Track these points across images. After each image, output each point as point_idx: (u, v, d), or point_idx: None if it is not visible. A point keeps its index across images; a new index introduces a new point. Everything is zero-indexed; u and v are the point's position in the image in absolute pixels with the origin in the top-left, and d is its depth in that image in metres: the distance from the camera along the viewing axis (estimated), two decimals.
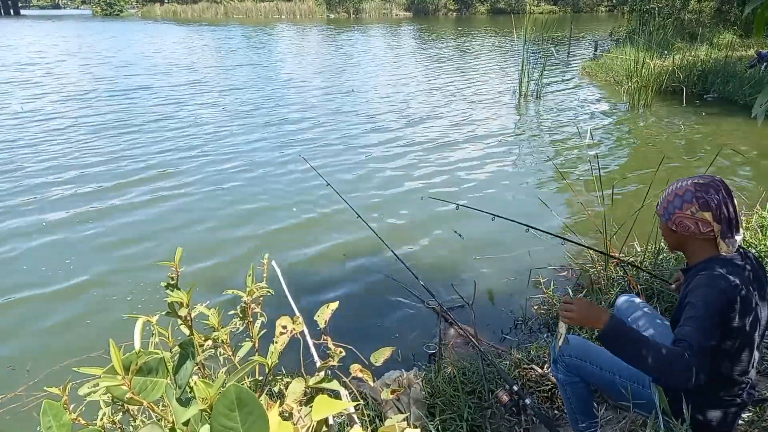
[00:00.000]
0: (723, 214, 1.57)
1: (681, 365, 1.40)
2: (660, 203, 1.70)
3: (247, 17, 46.05)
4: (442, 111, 9.89)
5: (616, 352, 1.51)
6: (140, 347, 0.86)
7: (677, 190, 1.64)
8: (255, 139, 8.02)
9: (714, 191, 1.58)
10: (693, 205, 1.59)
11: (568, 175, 6.15)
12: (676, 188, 1.65)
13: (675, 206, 1.62)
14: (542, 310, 3.45)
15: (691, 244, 1.65)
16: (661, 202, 1.70)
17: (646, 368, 1.46)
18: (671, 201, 1.64)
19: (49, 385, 1.21)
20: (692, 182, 1.61)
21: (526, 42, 10.63)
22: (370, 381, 1.13)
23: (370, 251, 4.31)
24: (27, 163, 6.77)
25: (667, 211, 1.65)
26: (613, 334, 1.50)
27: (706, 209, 1.57)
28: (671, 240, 1.72)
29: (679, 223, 1.62)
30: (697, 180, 1.61)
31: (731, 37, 15.23)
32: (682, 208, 1.61)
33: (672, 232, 1.67)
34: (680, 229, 1.63)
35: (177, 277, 1.06)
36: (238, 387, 0.64)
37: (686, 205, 1.60)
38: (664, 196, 1.69)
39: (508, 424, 2.27)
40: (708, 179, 1.61)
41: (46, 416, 0.75)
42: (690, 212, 1.59)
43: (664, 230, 1.72)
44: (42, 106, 10.17)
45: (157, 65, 16.01)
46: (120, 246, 4.62)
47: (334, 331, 1.16)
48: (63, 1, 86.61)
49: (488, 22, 39.23)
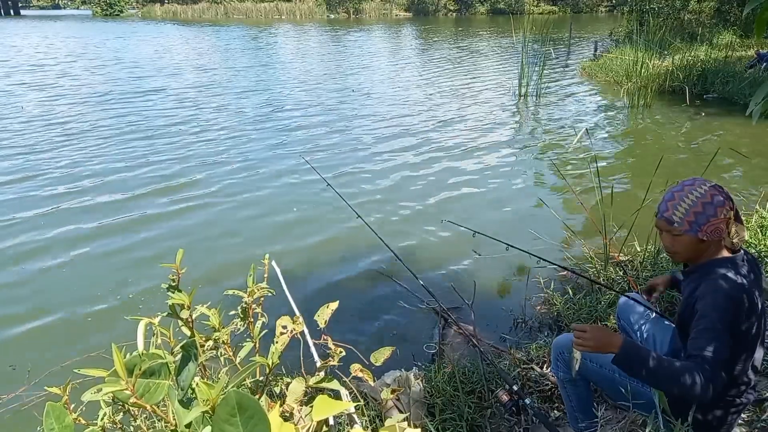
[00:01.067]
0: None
1: (697, 382, 1.39)
2: (680, 218, 1.55)
3: (247, 17, 46.06)
4: (442, 110, 9.89)
5: (632, 373, 1.51)
6: (142, 348, 0.87)
7: (701, 199, 1.52)
8: (255, 138, 8.02)
9: (720, 186, 1.57)
10: (725, 206, 1.52)
11: (567, 175, 6.15)
12: (696, 197, 1.53)
13: (708, 215, 1.51)
14: (542, 310, 3.46)
15: (709, 249, 1.57)
16: (682, 216, 1.55)
17: (663, 387, 1.47)
18: (700, 211, 1.52)
19: (49, 385, 1.21)
20: (708, 186, 1.54)
21: (526, 42, 10.63)
22: (370, 381, 1.14)
23: (370, 251, 4.31)
24: (45, 168, 6.78)
25: (697, 223, 1.53)
26: (627, 358, 1.49)
27: (731, 205, 1.54)
28: (693, 251, 1.59)
29: (713, 231, 1.53)
30: (702, 182, 1.57)
31: (731, 37, 15.25)
32: (716, 214, 1.51)
33: (700, 243, 1.55)
34: (713, 236, 1.53)
35: (178, 278, 1.07)
36: (239, 393, 0.64)
37: (720, 210, 1.52)
38: (683, 209, 1.55)
39: (508, 424, 2.28)
40: (699, 179, 1.60)
41: (49, 418, 0.76)
42: (723, 215, 1.52)
43: (688, 243, 1.57)
44: (58, 109, 9.95)
45: (166, 66, 15.89)
46: (120, 246, 4.62)
47: (334, 331, 1.16)
48: (63, 2, 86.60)
49: (488, 23, 39.24)
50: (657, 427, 1.65)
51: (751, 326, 1.53)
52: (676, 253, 1.63)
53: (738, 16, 16.22)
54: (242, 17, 46.13)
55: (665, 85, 10.64)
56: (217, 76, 14.13)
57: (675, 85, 10.66)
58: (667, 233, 1.61)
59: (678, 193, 1.58)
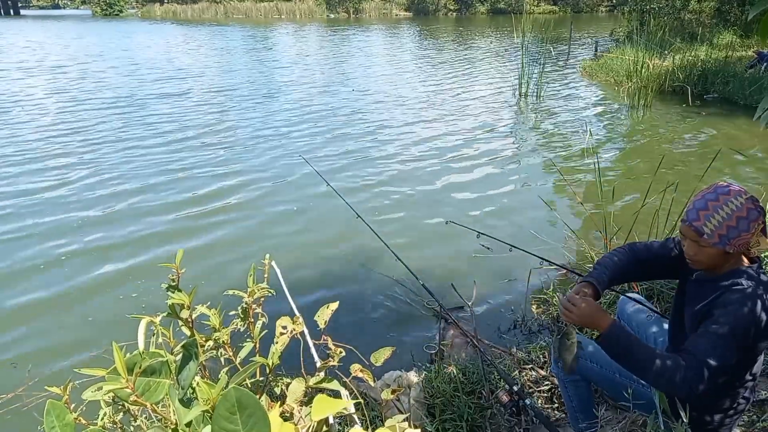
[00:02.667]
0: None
1: (678, 377, 1.39)
2: (711, 231, 1.47)
3: (246, 17, 46.06)
4: (442, 110, 9.89)
5: (615, 357, 1.51)
6: (143, 347, 0.87)
7: (737, 213, 1.45)
8: (254, 138, 8.02)
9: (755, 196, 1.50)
10: (759, 221, 1.46)
11: (568, 175, 6.15)
12: (731, 210, 1.46)
13: (741, 230, 1.45)
14: (542, 310, 3.46)
15: (730, 259, 1.52)
16: (713, 229, 1.47)
17: (644, 376, 1.47)
18: (734, 226, 1.45)
19: (49, 384, 1.21)
20: (744, 198, 1.47)
21: (526, 42, 10.63)
22: (371, 381, 1.14)
23: (370, 251, 4.31)
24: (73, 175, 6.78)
25: (728, 237, 1.46)
26: (614, 338, 1.49)
27: (764, 219, 1.48)
28: (716, 261, 1.52)
29: (742, 244, 1.47)
30: (738, 193, 1.48)
31: (731, 37, 15.24)
32: (749, 229, 1.46)
33: (724, 255, 1.50)
34: (739, 249, 1.48)
35: (178, 278, 1.07)
36: (239, 390, 0.64)
37: (753, 224, 1.46)
38: (716, 222, 1.47)
39: (508, 424, 2.28)
40: (735, 187, 1.51)
41: (50, 416, 0.76)
42: (754, 229, 1.46)
43: (714, 254, 1.50)
44: (86, 114, 9.66)
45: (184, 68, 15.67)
46: (121, 247, 4.62)
47: (334, 331, 1.16)
48: (63, 1, 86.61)
49: (488, 22, 39.23)
50: (657, 428, 1.65)
51: (760, 338, 1.51)
52: (698, 262, 1.56)
53: (738, 16, 16.21)
54: (242, 17, 46.12)
55: (666, 85, 10.64)
56: (217, 76, 14.14)
57: (675, 86, 10.66)
58: (692, 242, 1.53)
59: (713, 203, 1.48)
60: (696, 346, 1.44)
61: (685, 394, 1.41)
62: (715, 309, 1.48)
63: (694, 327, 1.56)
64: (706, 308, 1.52)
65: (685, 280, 1.69)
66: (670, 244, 1.74)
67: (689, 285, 1.66)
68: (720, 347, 1.42)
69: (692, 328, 1.58)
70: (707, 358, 1.40)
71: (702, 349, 1.42)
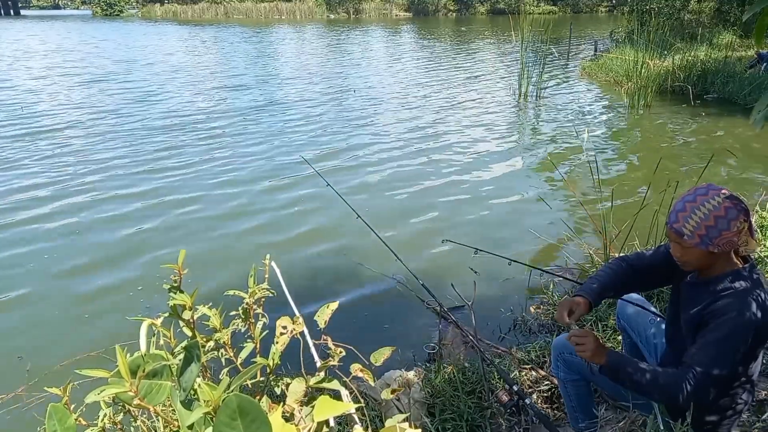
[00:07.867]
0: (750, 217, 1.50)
1: (683, 393, 1.44)
2: (691, 231, 1.49)
3: (247, 17, 46.03)
4: (442, 110, 9.89)
5: (619, 383, 1.58)
6: (145, 349, 0.87)
7: (715, 212, 1.46)
8: (254, 138, 8.02)
9: (738, 196, 1.50)
10: (739, 219, 1.46)
11: (568, 175, 6.15)
12: (708, 210, 1.47)
13: (721, 229, 1.46)
14: (542, 311, 3.46)
15: (719, 259, 1.53)
16: (692, 230, 1.48)
17: (650, 396, 1.54)
18: (712, 225, 1.46)
19: (49, 385, 1.21)
20: (722, 197, 1.47)
21: (525, 42, 10.63)
22: (371, 381, 1.14)
23: (370, 251, 4.31)
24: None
25: (708, 237, 1.47)
26: (614, 368, 1.56)
27: (746, 218, 1.47)
28: (704, 262, 1.54)
29: (725, 243, 1.47)
30: (716, 192, 1.49)
31: (731, 37, 15.24)
32: (729, 227, 1.46)
33: (709, 255, 1.50)
34: (724, 248, 1.48)
35: (180, 279, 1.07)
36: (240, 396, 0.64)
37: (733, 223, 1.46)
38: (694, 222, 1.48)
39: (508, 424, 2.28)
40: (713, 187, 1.52)
41: (51, 420, 0.76)
42: (736, 228, 1.46)
43: (698, 255, 1.51)
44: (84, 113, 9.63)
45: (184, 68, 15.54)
46: (121, 247, 4.62)
47: (334, 331, 1.16)
48: (63, 2, 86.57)
49: (488, 23, 39.22)
50: (657, 428, 1.66)
51: (759, 340, 1.53)
52: (686, 263, 1.58)
53: (738, 17, 16.21)
54: (242, 17, 46.10)
55: (665, 85, 10.63)
56: (217, 76, 14.13)
57: (675, 86, 10.66)
58: (676, 244, 1.56)
59: (690, 204, 1.51)
60: (695, 359, 1.46)
61: (684, 402, 1.46)
62: (711, 318, 1.49)
63: (690, 332, 1.58)
64: (701, 314, 1.53)
65: (680, 283, 1.70)
66: (662, 250, 1.76)
67: (683, 288, 1.68)
68: (720, 358, 1.44)
69: (689, 332, 1.59)
70: (709, 370, 1.42)
71: (703, 362, 1.44)
